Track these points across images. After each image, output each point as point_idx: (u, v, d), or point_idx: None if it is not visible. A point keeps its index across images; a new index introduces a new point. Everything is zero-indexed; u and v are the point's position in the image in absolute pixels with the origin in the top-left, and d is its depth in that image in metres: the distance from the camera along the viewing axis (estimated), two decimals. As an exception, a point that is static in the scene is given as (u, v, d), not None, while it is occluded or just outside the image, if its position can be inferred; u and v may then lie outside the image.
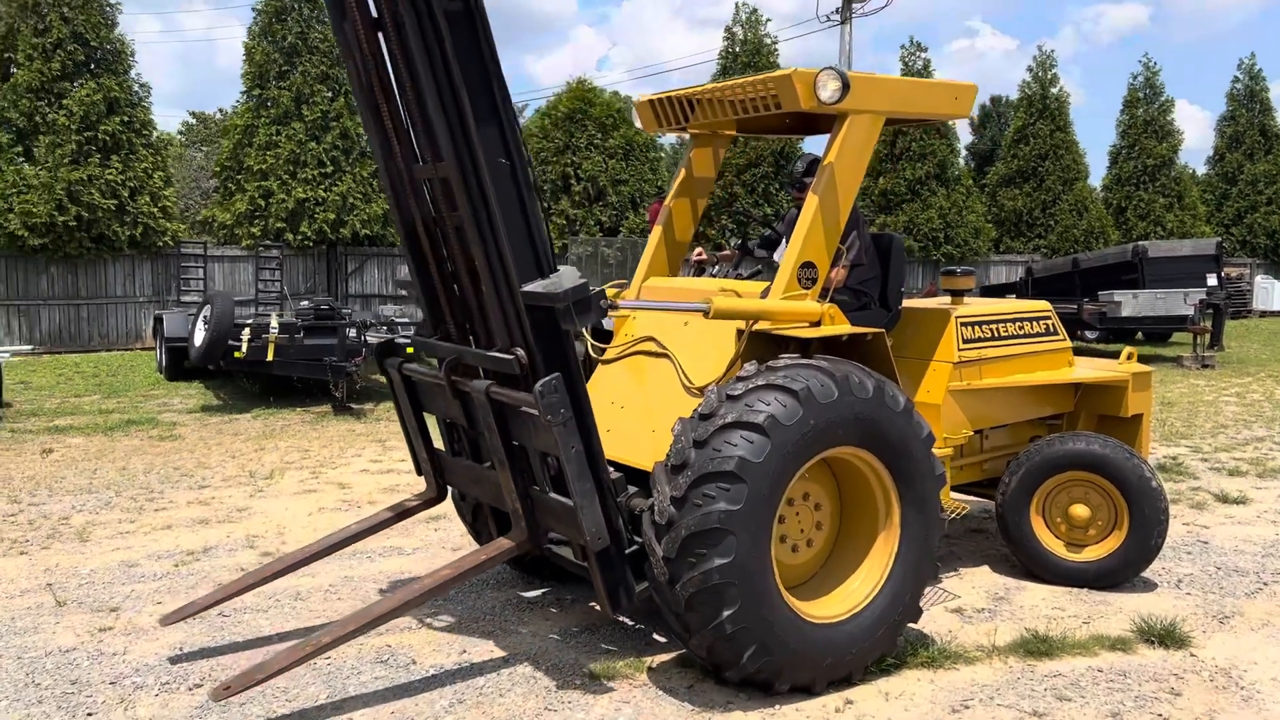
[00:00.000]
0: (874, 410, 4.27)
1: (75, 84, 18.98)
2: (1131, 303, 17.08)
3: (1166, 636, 4.84)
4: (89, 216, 18.49)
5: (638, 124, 5.74)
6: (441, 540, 6.51)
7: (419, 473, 5.24)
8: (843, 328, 4.75)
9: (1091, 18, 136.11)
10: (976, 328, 5.71)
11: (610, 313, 4.24)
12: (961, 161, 32.20)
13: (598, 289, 4.07)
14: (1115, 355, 6.42)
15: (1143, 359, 6.44)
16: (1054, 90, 30.35)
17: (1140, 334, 22.16)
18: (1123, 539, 5.52)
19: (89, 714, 4.09)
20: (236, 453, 9.39)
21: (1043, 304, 6.19)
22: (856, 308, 5.47)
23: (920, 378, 5.64)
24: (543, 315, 4.07)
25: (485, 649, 4.77)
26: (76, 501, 7.51)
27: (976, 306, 5.90)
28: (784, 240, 5.54)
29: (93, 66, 19.31)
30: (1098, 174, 33.80)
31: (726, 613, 3.98)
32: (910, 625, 4.76)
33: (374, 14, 4.18)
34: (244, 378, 13.68)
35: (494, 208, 3.99)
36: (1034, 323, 5.99)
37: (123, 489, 7.89)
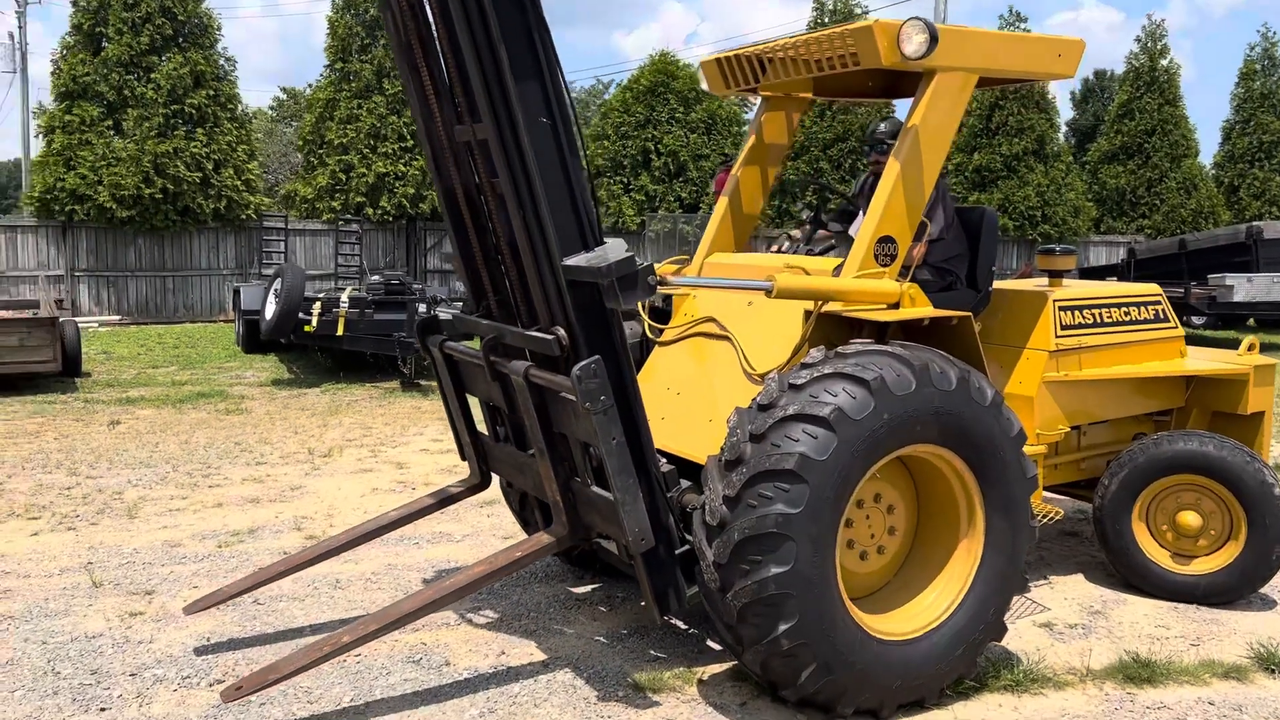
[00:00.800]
0: (957, 404, 3.79)
1: (163, 58, 19.18)
2: (1245, 287, 15.99)
3: (1291, 666, 4.27)
4: (174, 189, 18.69)
5: (704, 86, 5.29)
6: (493, 527, 6.20)
7: (462, 458, 4.93)
8: (924, 310, 4.26)
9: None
10: (1076, 313, 5.15)
11: (660, 289, 3.84)
12: (1061, 137, 30.90)
13: (646, 264, 3.68)
14: (1230, 344, 5.75)
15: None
16: (1163, 62, 28.76)
17: (1252, 320, 20.91)
18: (1238, 551, 4.93)
19: (102, 709, 3.86)
20: (299, 428, 9.25)
21: (1152, 287, 5.59)
22: (940, 288, 4.97)
23: (1012, 367, 5.11)
24: (586, 292, 3.71)
25: (525, 651, 4.43)
26: (133, 475, 7.41)
27: (1077, 289, 5.34)
28: (860, 213, 5.06)
29: (180, 40, 19.48)
30: (1208, 151, 32.08)
31: (783, 627, 3.56)
32: (997, 642, 4.28)
33: None
34: (317, 351, 13.62)
35: (533, 171, 3.62)
36: (1142, 308, 5.40)
37: (180, 464, 7.78)
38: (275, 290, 11.71)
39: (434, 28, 3.94)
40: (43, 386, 11.25)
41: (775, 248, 5.32)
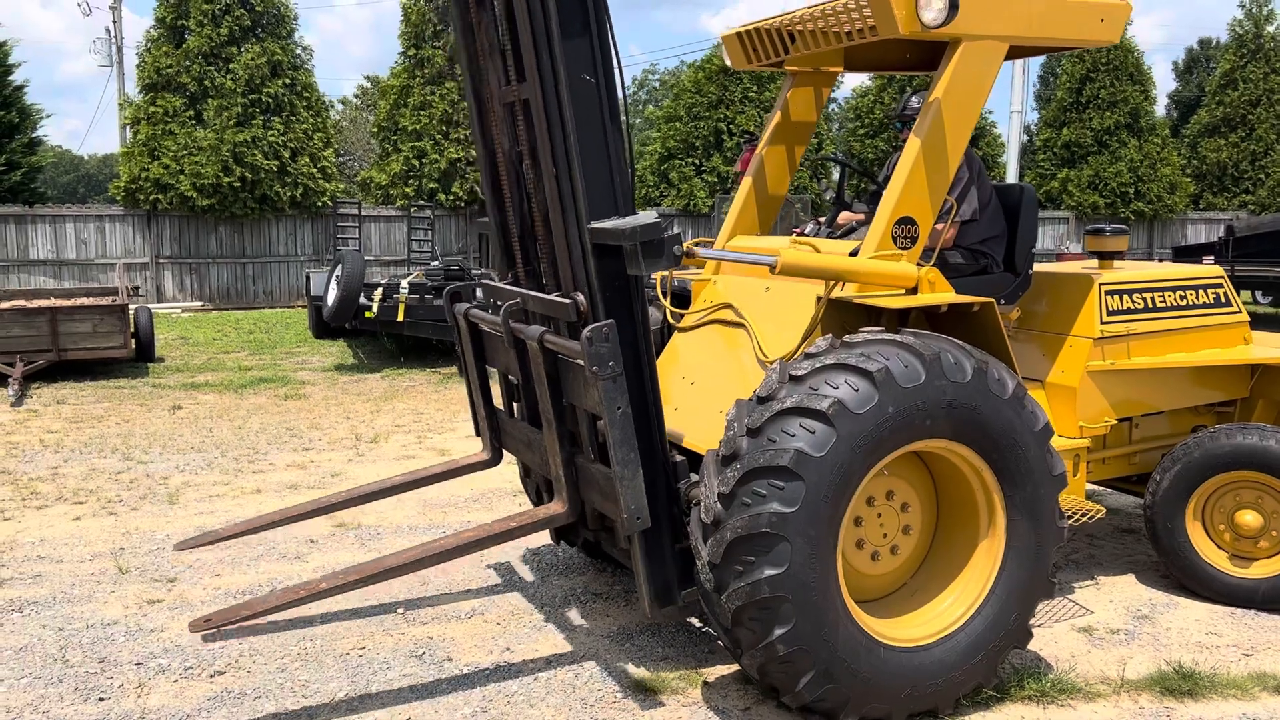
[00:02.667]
0: (973, 397, 3.54)
1: (241, 48, 19.56)
2: (1350, 266, 15.02)
3: (1351, 682, 3.92)
4: (252, 178, 19.08)
5: (728, 61, 5.07)
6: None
7: (477, 433, 4.85)
8: (942, 296, 4.00)
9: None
10: (1126, 297, 4.81)
11: (685, 261, 3.69)
12: (1161, 111, 29.50)
13: (674, 233, 3.54)
14: None
15: None
16: (1269, 29, 27.24)
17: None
18: (1303, 554, 4.56)
19: (101, 699, 3.87)
20: (352, 413, 9.31)
21: (1214, 269, 5.20)
22: (974, 271, 4.69)
23: (1054, 356, 4.80)
24: (610, 257, 3.60)
25: (530, 647, 4.32)
26: (182, 461, 7.52)
27: (1128, 272, 4.99)
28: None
29: (258, 31, 19.85)
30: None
31: (778, 631, 3.37)
32: (1021, 649, 4.02)
33: None
34: (384, 337, 13.75)
35: (570, 130, 3.54)
36: (1200, 291, 5.03)
37: (230, 449, 7.88)
38: (337, 276, 11.83)
39: None
40: (115, 371, 11.57)
41: (798, 231, 5.09)
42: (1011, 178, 20.25)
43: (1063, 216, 25.44)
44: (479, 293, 11.64)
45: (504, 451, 4.80)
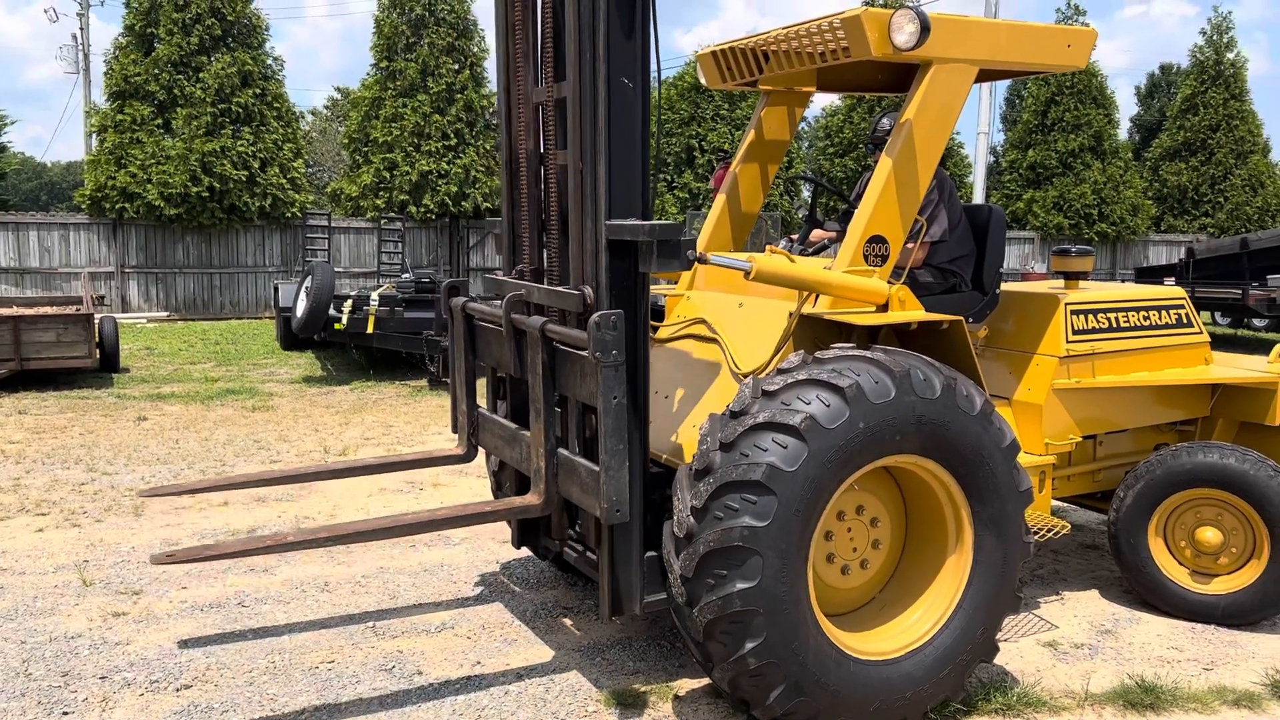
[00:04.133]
0: (941, 413, 3.59)
1: (212, 58, 19.44)
2: (1306, 289, 15.35)
3: (1308, 696, 4.00)
4: (221, 188, 18.94)
5: (703, 80, 5.13)
6: (493, 531, 6.09)
7: (454, 429, 4.84)
8: (913, 314, 4.06)
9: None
10: (1091, 317, 4.90)
11: (698, 265, 3.75)
12: (1124, 134, 29.98)
13: (690, 238, 3.64)
14: None
15: None
16: (1229, 56, 27.83)
17: (1318, 323, 20.12)
18: (1261, 570, 4.65)
19: (65, 713, 3.82)
20: (320, 426, 9.25)
21: (1176, 291, 5.31)
22: (944, 289, 4.76)
23: (1021, 373, 4.88)
24: (621, 256, 3.67)
25: (501, 661, 4.31)
26: (148, 472, 7.44)
27: (1094, 292, 5.09)
28: (858, 211, 4.86)
29: (229, 40, 19.74)
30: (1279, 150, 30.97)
31: (750, 645, 3.40)
32: (988, 663, 4.07)
33: None
34: (352, 349, 13.68)
35: (601, 128, 3.63)
36: (1163, 312, 5.13)
37: (197, 461, 7.80)
38: (306, 287, 11.76)
39: None
40: (78, 381, 11.42)
41: (770, 249, 5.14)
42: (978, 198, 20.51)
43: (1028, 237, 25.80)
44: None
45: (478, 449, 4.78)
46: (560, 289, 3.92)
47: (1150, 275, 21.29)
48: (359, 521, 3.96)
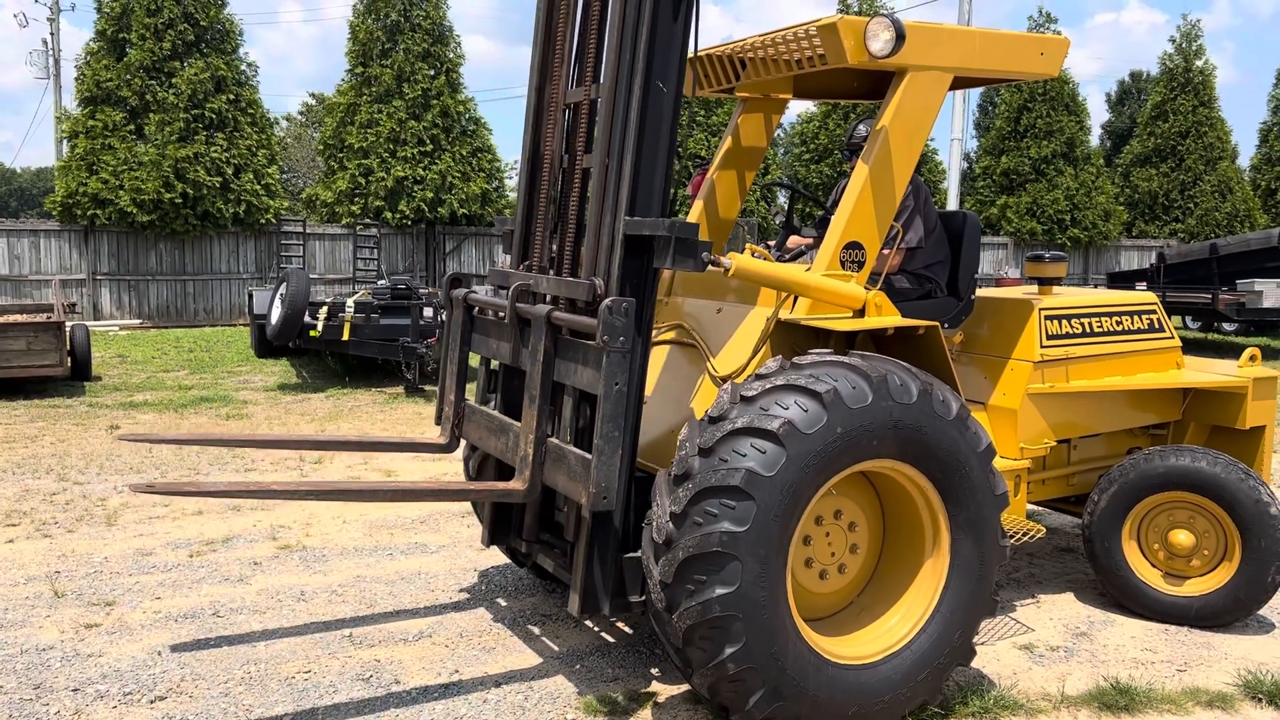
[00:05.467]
0: (918, 417, 3.61)
1: (185, 63, 19.31)
2: (1275, 292, 15.56)
3: (1278, 694, 4.04)
4: (194, 194, 18.80)
5: (679, 87, 5.13)
6: (471, 539, 6.08)
7: (437, 421, 4.81)
8: (889, 319, 4.08)
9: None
10: (1064, 322, 4.95)
11: (711, 268, 3.78)
12: (1095, 140, 30.25)
13: (708, 241, 3.69)
14: (1260, 352, 5.42)
15: None
16: (1198, 63, 28.19)
17: (1285, 327, 20.38)
18: (1233, 573, 4.71)
19: (36, 725, 3.78)
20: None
21: (1147, 296, 5.37)
22: (919, 296, 4.79)
23: (996, 379, 4.91)
24: (636, 253, 3.73)
25: (479, 669, 4.30)
26: (120, 481, 7.37)
27: (1066, 297, 5.13)
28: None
29: (202, 46, 19.62)
30: (1250, 155, 31.31)
31: (729, 650, 3.40)
32: (965, 666, 4.10)
33: None
34: (327, 356, 13.61)
35: (632, 129, 3.71)
36: (1135, 317, 5.19)
37: (170, 469, 7.73)
38: (281, 294, 11.69)
39: None
40: (49, 390, 11.30)
41: (750, 248, 5.16)
42: (952, 204, 20.66)
43: (1002, 242, 26.02)
44: (428, 312, 11.60)
45: (460, 440, 4.77)
46: (571, 279, 3.98)
47: (1122, 280, 21.50)
48: (345, 482, 3.97)
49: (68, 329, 11.55)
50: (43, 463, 7.92)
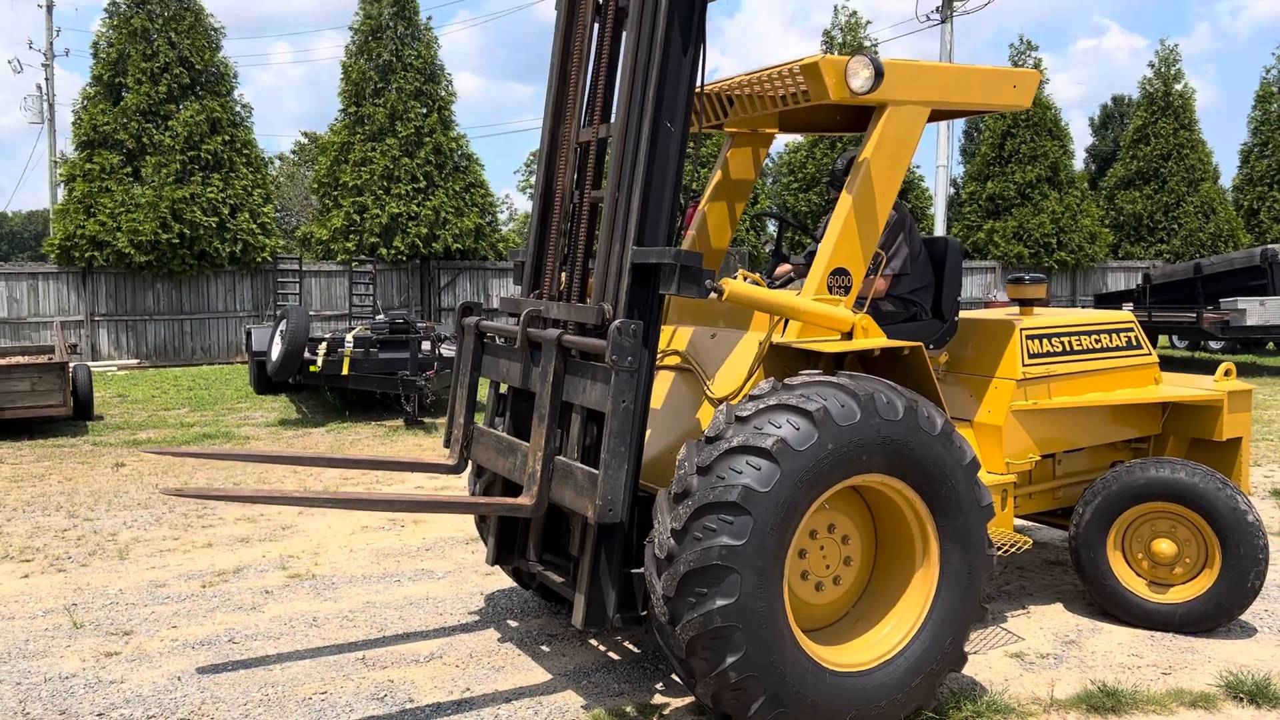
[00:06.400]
0: (905, 433, 3.80)
1: (180, 106, 19.58)
2: (1258, 310, 15.82)
3: (1259, 694, 4.21)
4: (191, 234, 19.02)
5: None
6: (476, 564, 6.23)
7: (446, 444, 4.98)
8: (875, 341, 4.28)
9: (1230, 11, 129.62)
10: (1045, 341, 5.15)
11: (714, 296, 3.99)
12: (1080, 164, 30.73)
13: (712, 270, 3.90)
14: (1247, 369, 5.65)
15: (1272, 370, 5.70)
16: (1178, 87, 28.68)
17: (1272, 344, 20.68)
18: (1214, 579, 4.88)
19: (65, 748, 3.92)
20: (298, 468, 9.33)
21: (1125, 314, 5.58)
22: (905, 318, 4.99)
23: (981, 396, 5.11)
24: (643, 281, 3.96)
25: (489, 687, 4.45)
26: (129, 517, 7.51)
27: (1047, 317, 5.34)
28: (821, 246, 5.09)
29: (197, 89, 19.91)
30: (1233, 176, 31.82)
31: (730, 659, 3.56)
32: (959, 673, 4.26)
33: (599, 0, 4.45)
34: (326, 391, 13.77)
35: (641, 165, 3.95)
36: (1114, 335, 5.39)
37: (177, 504, 7.87)
38: (281, 331, 11.87)
39: (601, 36, 4.41)
40: (53, 430, 11.44)
41: (743, 273, 5.37)
42: (939, 229, 20.97)
43: (989, 266, 26.33)
44: (426, 345, 11.78)
45: (468, 461, 4.94)
46: (581, 305, 4.21)
47: (1109, 301, 21.81)
48: (360, 492, 4.15)
49: (70, 369, 11.71)
50: (52, 500, 8.06)
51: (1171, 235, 28.08)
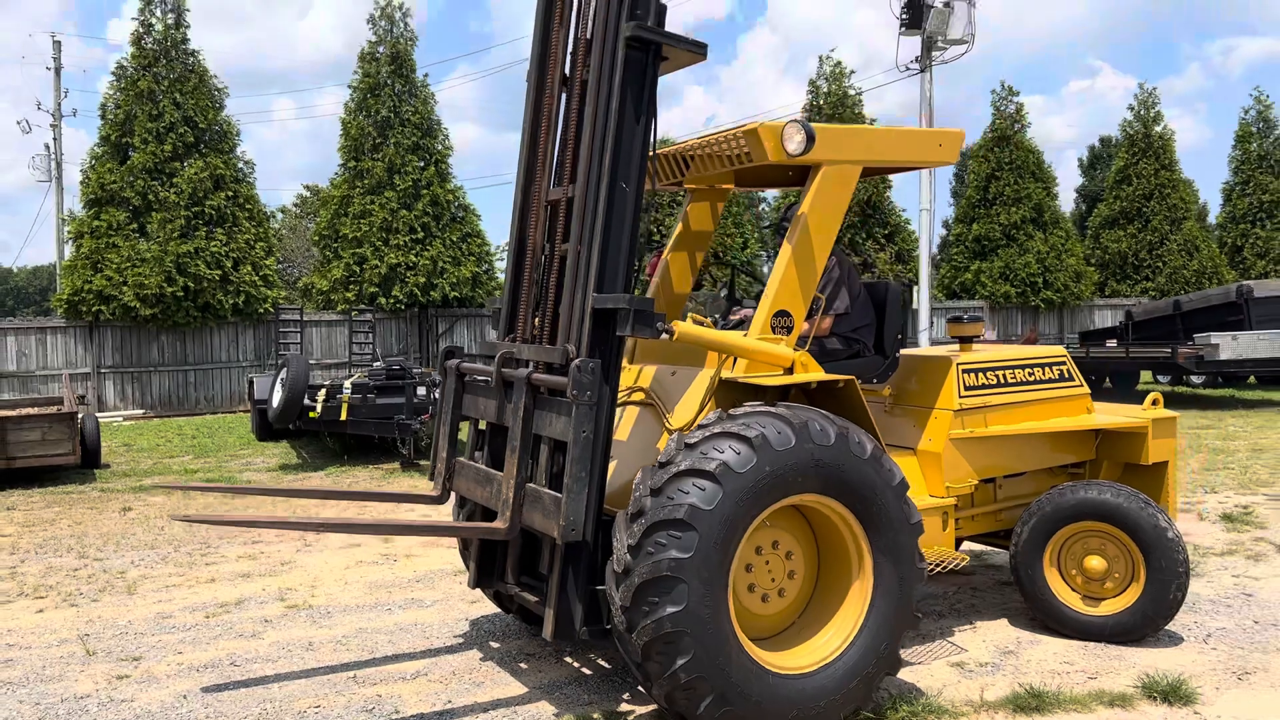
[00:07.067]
0: (836, 457, 4.24)
1: (185, 163, 20.22)
2: (1230, 345, 16.28)
3: (1171, 693, 4.61)
4: (195, 287, 19.57)
5: (635, 181, 5.85)
6: (463, 593, 6.63)
7: (430, 477, 5.42)
8: (813, 375, 4.73)
9: (1221, 50, 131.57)
10: (980, 374, 5.60)
11: (664, 337, 4.45)
12: (1070, 204, 31.29)
13: (662, 314, 4.43)
14: (1225, 403, 6.07)
15: (1246, 404, 6.12)
16: (1157, 129, 29.39)
17: (1253, 378, 21.10)
18: (1140, 592, 5.29)
19: (82, 756, 4.31)
20: (298, 508, 9.72)
21: (1057, 350, 6.03)
22: (849, 355, 5.44)
23: (923, 426, 5.54)
24: (604, 321, 4.39)
25: (470, 699, 4.84)
26: (136, 557, 7.92)
27: (982, 353, 5.79)
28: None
29: (201, 147, 20.56)
30: (1218, 213, 32.45)
31: (680, 661, 3.97)
32: (900, 678, 4.66)
33: (566, 72, 4.95)
34: (326, 436, 14.20)
35: (599, 221, 4.39)
36: (1046, 369, 5.84)
37: (182, 545, 8.29)
38: (282, 379, 12.34)
39: (568, 105, 4.89)
40: (63, 478, 11.87)
41: (692, 317, 5.83)
42: (924, 270, 21.48)
43: (977, 306, 26.82)
44: (421, 390, 12.23)
45: (451, 492, 5.38)
46: (548, 346, 4.67)
47: (1093, 338, 22.29)
48: (351, 519, 4.61)
49: (79, 419, 12.16)
50: (63, 543, 8.47)
51: (1156, 273, 28.61)
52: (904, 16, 21.31)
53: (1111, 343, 20.81)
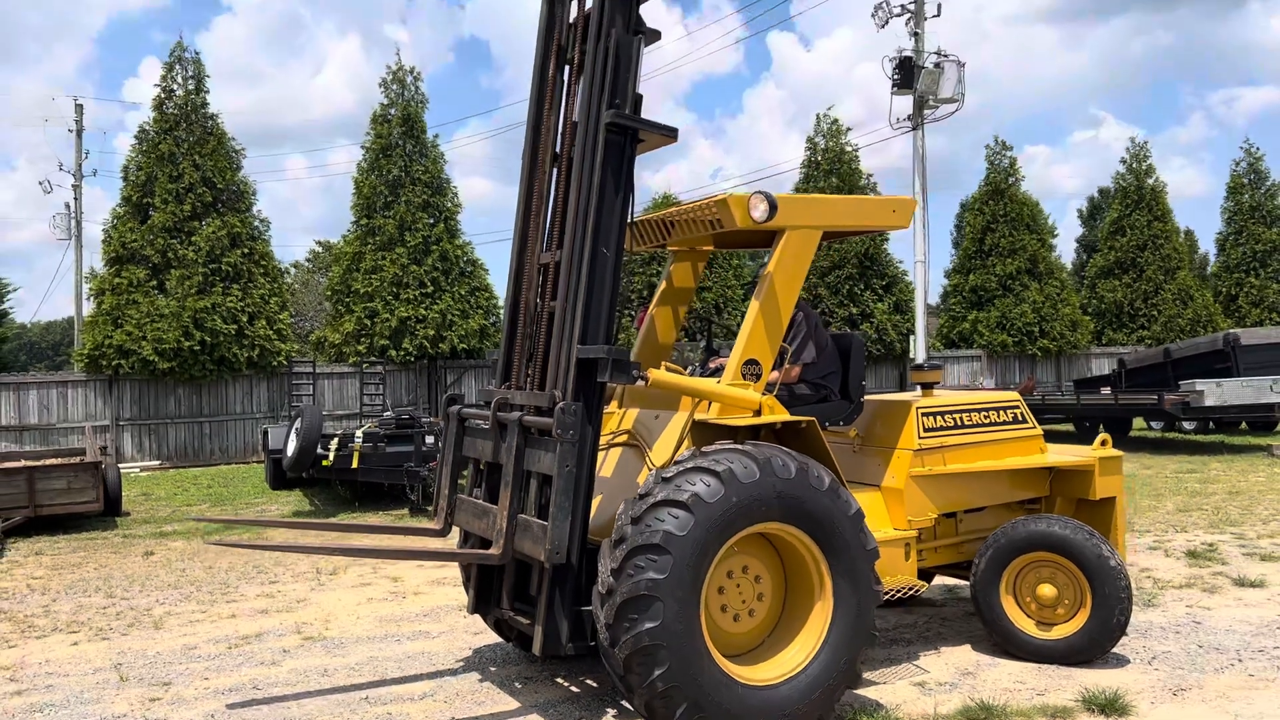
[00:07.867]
0: (796, 489, 4.76)
1: (203, 222, 20.99)
2: (1215, 392, 16.74)
3: (1109, 706, 5.06)
4: (211, 341, 20.22)
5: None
6: (467, 625, 7.11)
7: (434, 512, 5.95)
8: (778, 416, 5.26)
9: (1224, 101, 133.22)
10: (938, 417, 6.11)
11: (639, 384, 5.04)
12: (1071, 254, 31.75)
13: (637, 363, 5.05)
14: (1214, 448, 6.57)
15: (1234, 449, 6.60)
16: (1149, 181, 30.11)
17: (1245, 424, 21.49)
18: (1087, 617, 5.75)
19: (122, 763, 4.79)
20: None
21: (1011, 394, 6.55)
22: (817, 400, 5.97)
23: (887, 464, 6.05)
24: (587, 370, 4.95)
25: (472, 715, 5.32)
26: (161, 596, 8.42)
27: (941, 398, 6.31)
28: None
29: (219, 206, 21.34)
30: (1213, 263, 33.06)
31: (658, 672, 4.46)
32: (864, 694, 5.12)
33: (556, 150, 5.58)
34: (338, 484, 14.71)
35: (583, 282, 4.97)
36: (1000, 412, 6.35)
37: (204, 585, 8.79)
38: (296, 428, 12.89)
39: (558, 179, 5.49)
40: (85, 525, 12.39)
41: (665, 364, 6.38)
42: (919, 320, 22.05)
43: (975, 354, 27.34)
44: (430, 439, 12.76)
45: (452, 526, 5.90)
46: (538, 392, 5.23)
47: (1087, 386, 22.74)
48: (362, 548, 5.24)
49: (103, 468, 12.71)
50: (91, 584, 8.98)
51: (1151, 321, 29.14)
52: (896, 77, 22.15)
53: (1105, 390, 21.26)
